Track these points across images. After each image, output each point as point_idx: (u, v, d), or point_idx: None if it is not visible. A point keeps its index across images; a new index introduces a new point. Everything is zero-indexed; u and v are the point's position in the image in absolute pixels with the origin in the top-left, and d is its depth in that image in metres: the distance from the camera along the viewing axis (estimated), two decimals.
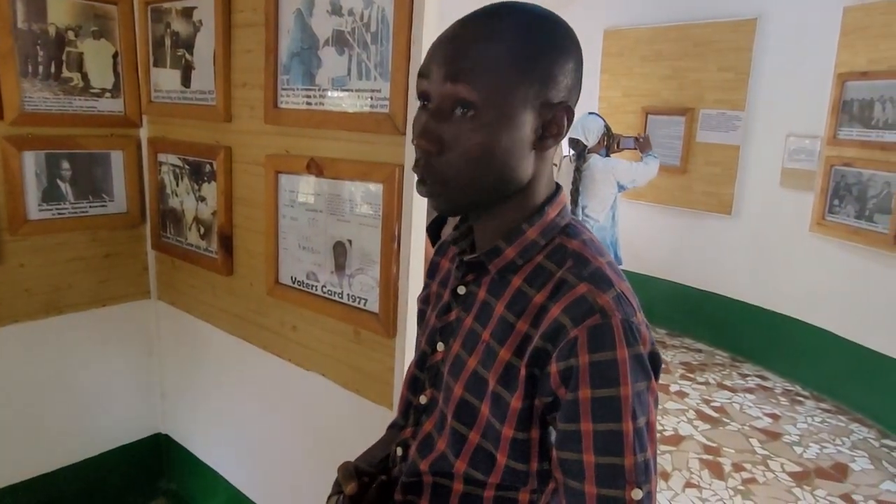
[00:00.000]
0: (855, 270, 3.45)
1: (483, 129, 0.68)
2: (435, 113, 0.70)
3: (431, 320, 0.85)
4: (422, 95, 0.72)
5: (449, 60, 0.68)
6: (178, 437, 2.30)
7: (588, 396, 0.64)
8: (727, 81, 4.07)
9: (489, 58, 0.67)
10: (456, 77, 0.67)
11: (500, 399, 0.71)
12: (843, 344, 3.51)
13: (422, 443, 0.81)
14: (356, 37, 1.40)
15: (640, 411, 0.65)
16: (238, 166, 1.77)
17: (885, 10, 3.23)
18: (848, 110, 3.44)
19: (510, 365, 0.71)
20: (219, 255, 1.86)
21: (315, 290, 1.59)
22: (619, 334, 0.65)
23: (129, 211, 2.10)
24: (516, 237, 0.75)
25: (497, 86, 0.67)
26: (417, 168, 0.73)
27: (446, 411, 0.77)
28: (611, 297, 0.67)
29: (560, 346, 0.66)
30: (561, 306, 0.67)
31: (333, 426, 1.65)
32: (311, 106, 1.51)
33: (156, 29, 1.96)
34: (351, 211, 1.48)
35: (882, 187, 3.24)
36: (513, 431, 0.70)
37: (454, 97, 0.68)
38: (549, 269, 0.72)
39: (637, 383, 0.65)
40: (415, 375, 0.87)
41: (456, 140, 0.69)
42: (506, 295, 0.74)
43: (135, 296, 2.19)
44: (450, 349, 0.80)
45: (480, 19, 0.69)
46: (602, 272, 0.70)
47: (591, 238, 0.76)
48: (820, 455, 3.02)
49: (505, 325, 0.72)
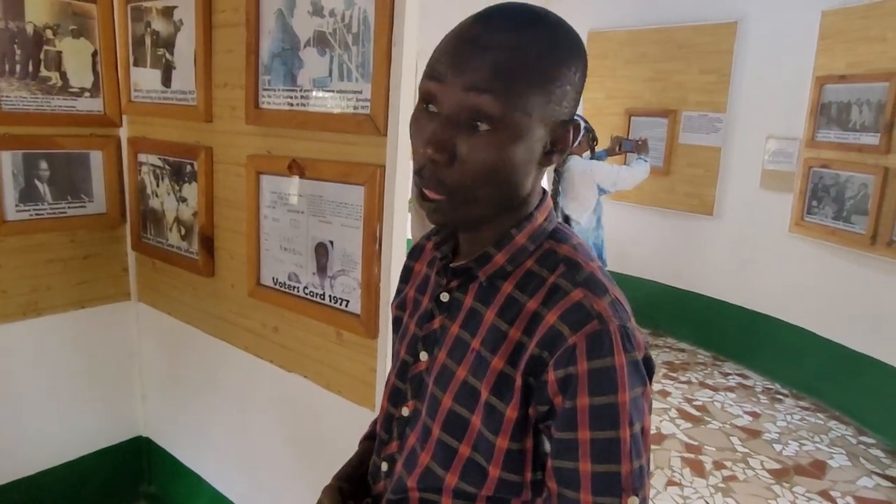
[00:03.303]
0: (833, 270, 3.51)
1: (499, 145, 0.65)
2: (448, 122, 0.66)
3: (411, 328, 0.82)
4: (427, 96, 0.68)
5: (472, 68, 0.63)
6: (160, 440, 2.28)
7: (586, 404, 0.64)
8: (709, 84, 4.12)
9: (515, 70, 0.63)
10: (479, 87, 0.63)
11: (495, 410, 0.69)
12: (822, 343, 3.57)
13: (407, 458, 0.79)
14: (337, 38, 1.40)
15: (636, 417, 0.64)
16: (219, 167, 1.76)
17: (862, 14, 3.28)
18: (826, 113, 3.49)
19: (504, 374, 0.69)
20: (200, 257, 1.84)
21: (297, 291, 1.59)
22: (617, 341, 0.64)
23: (108, 212, 2.08)
24: (505, 243, 0.73)
25: (519, 101, 0.64)
26: (421, 177, 0.68)
27: (431, 424, 0.75)
28: (607, 303, 0.66)
29: (557, 353, 0.65)
30: (557, 313, 0.66)
31: (315, 427, 1.65)
32: (292, 107, 1.51)
33: (136, 28, 1.94)
34: (332, 212, 1.47)
35: (859, 188, 3.30)
36: (508, 442, 0.69)
37: (474, 109, 0.64)
38: (540, 274, 0.71)
39: (634, 389, 0.64)
40: (396, 386, 0.83)
41: (469, 153, 0.65)
42: (496, 302, 0.72)
43: (115, 297, 2.16)
44: (435, 358, 0.77)
45: (503, 24, 0.65)
46: (596, 277, 0.69)
47: (579, 242, 0.75)
48: (799, 452, 3.06)
49: (497, 333, 0.70)
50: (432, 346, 0.78)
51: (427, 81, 0.67)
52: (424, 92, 0.68)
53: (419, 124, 0.69)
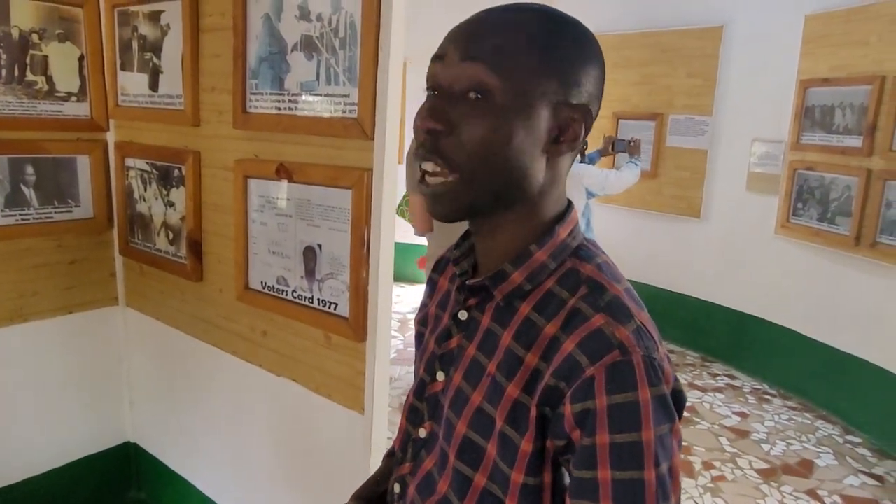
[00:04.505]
0: (818, 271, 3.55)
1: (497, 114, 0.63)
2: (445, 94, 0.65)
3: (430, 345, 0.79)
4: (432, 81, 0.67)
5: (468, 40, 0.64)
6: (148, 445, 2.26)
7: (606, 442, 0.58)
8: (695, 87, 4.16)
9: (510, 42, 0.63)
10: (474, 56, 0.63)
11: (509, 441, 0.64)
12: (808, 343, 3.61)
13: (422, 482, 0.75)
14: (325, 42, 1.40)
15: (662, 456, 0.58)
16: (207, 171, 1.76)
17: (844, 18, 3.33)
18: (810, 116, 3.54)
19: (519, 403, 0.64)
20: (188, 261, 1.84)
21: (285, 295, 1.59)
22: (641, 373, 0.58)
23: (95, 216, 2.07)
24: (524, 260, 0.68)
25: (516, 71, 0.62)
26: (422, 151, 0.66)
27: (448, 449, 0.71)
28: (630, 331, 0.60)
29: (575, 385, 0.59)
30: (575, 340, 0.61)
31: (305, 431, 1.65)
32: (280, 111, 1.51)
33: (123, 32, 1.94)
34: (320, 216, 1.48)
35: (843, 190, 3.34)
36: (523, 477, 0.64)
37: (469, 78, 0.63)
38: (560, 296, 0.66)
39: (660, 426, 0.58)
40: (413, 405, 0.79)
41: (466, 121, 0.63)
42: (513, 324, 0.67)
43: (102, 302, 2.15)
44: (450, 379, 0.73)
45: (505, 8, 0.66)
46: (620, 301, 0.63)
47: (605, 261, 0.69)
48: (786, 452, 3.09)
49: (512, 358, 0.66)
50: (448, 366, 0.74)
51: (432, 65, 0.67)
52: (429, 76, 0.67)
53: (421, 106, 0.67)
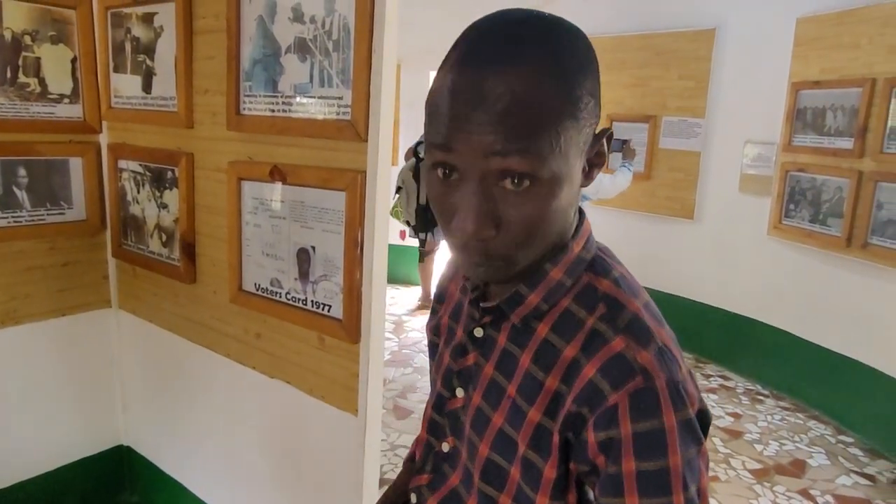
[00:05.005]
0: (810, 272, 3.57)
1: (543, 197, 0.58)
2: (479, 192, 0.58)
3: (446, 359, 0.77)
4: (441, 166, 0.60)
5: (484, 131, 0.55)
6: (141, 448, 2.26)
7: (633, 469, 0.56)
8: (688, 90, 4.18)
9: (534, 111, 0.55)
10: (503, 151, 0.55)
11: (533, 466, 0.63)
12: (801, 344, 3.63)
13: (447, 498, 0.75)
14: (318, 44, 1.41)
15: (690, 479, 0.57)
16: (200, 173, 1.76)
17: (835, 21, 3.36)
18: (802, 118, 3.56)
19: (541, 427, 0.63)
20: (181, 263, 1.84)
21: (279, 297, 1.59)
22: (665, 399, 0.57)
23: (88, 218, 2.06)
24: (539, 279, 0.65)
25: (551, 143, 0.56)
26: (467, 253, 0.61)
27: (472, 470, 0.70)
28: (653, 354, 0.58)
29: (597, 413, 0.58)
30: (596, 365, 0.59)
31: (298, 433, 1.65)
32: (273, 113, 1.51)
33: (116, 34, 1.94)
34: (314, 217, 1.48)
35: (834, 192, 3.36)
36: (548, 500, 0.63)
37: (502, 171, 0.57)
38: (578, 315, 0.64)
39: (687, 450, 0.57)
40: (434, 419, 0.79)
41: (513, 216, 0.58)
42: (531, 346, 0.65)
43: (95, 305, 2.14)
44: (470, 398, 0.72)
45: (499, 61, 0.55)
46: (639, 320, 0.61)
47: (622, 274, 0.67)
48: (779, 452, 3.10)
49: (532, 382, 0.64)
50: (467, 384, 0.73)
51: (437, 153, 0.59)
52: (439, 162, 0.60)
53: (444, 197, 0.61)
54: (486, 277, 0.64)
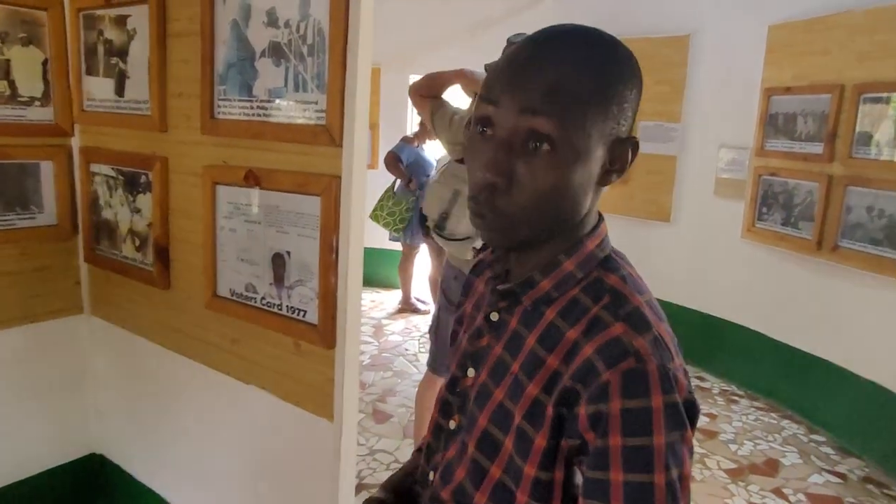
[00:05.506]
0: (783, 274, 3.64)
1: (559, 166, 0.65)
2: (504, 144, 0.65)
3: (463, 343, 0.83)
4: (482, 121, 0.68)
5: (526, 90, 0.64)
6: (115, 457, 2.22)
7: (619, 444, 0.61)
8: (664, 94, 4.23)
9: (570, 90, 0.63)
10: (534, 109, 0.63)
11: (525, 435, 0.68)
12: (775, 345, 3.69)
13: (444, 469, 0.79)
14: (293, 49, 1.40)
15: (673, 463, 0.61)
16: (174, 177, 1.74)
17: (806, 29, 3.43)
18: (774, 123, 3.63)
19: (537, 401, 0.67)
20: (155, 268, 1.82)
21: (254, 302, 1.58)
22: (655, 381, 0.61)
23: (59, 223, 2.03)
24: (552, 269, 0.72)
25: (576, 120, 0.64)
26: (476, 202, 0.68)
27: (468, 440, 0.75)
28: (647, 341, 0.63)
29: (591, 388, 0.63)
30: (594, 346, 0.64)
31: (274, 440, 1.64)
32: (248, 117, 1.50)
33: (88, 36, 1.91)
34: (289, 222, 1.47)
35: (805, 195, 3.43)
36: (535, 470, 0.67)
37: (528, 130, 0.64)
38: (584, 303, 0.69)
39: (671, 433, 0.61)
40: (445, 399, 0.84)
41: (528, 176, 0.65)
42: (538, 328, 0.71)
43: (67, 311, 2.11)
44: (478, 376, 0.77)
45: (558, 45, 0.66)
46: (640, 312, 0.66)
47: (630, 273, 0.72)
48: (753, 451, 3.16)
49: (535, 359, 0.69)
50: (478, 364, 0.78)
51: (482, 105, 0.68)
52: (480, 116, 0.68)
53: (475, 149, 0.69)
54: (489, 236, 0.71)
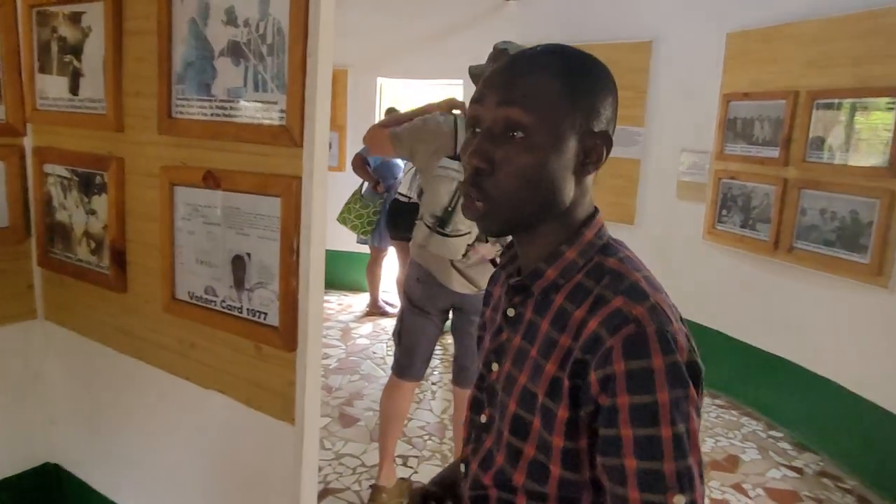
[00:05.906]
0: (742, 275, 3.73)
1: (533, 150, 0.74)
2: (487, 134, 0.76)
3: (486, 343, 0.91)
4: (473, 121, 0.78)
5: (503, 86, 0.75)
6: (71, 466, 2.15)
7: (626, 402, 0.67)
8: (628, 99, 4.30)
9: (541, 87, 0.74)
10: (510, 101, 0.74)
11: (549, 411, 0.74)
12: (735, 344, 3.78)
13: (484, 458, 0.86)
14: (252, 48, 1.39)
15: (678, 418, 0.67)
16: (131, 178, 1.70)
17: (761, 37, 3.54)
18: (732, 128, 3.73)
19: (556, 378, 0.74)
20: (111, 271, 1.77)
21: (214, 305, 1.55)
22: (654, 343, 0.68)
23: (11, 225, 1.96)
24: (556, 258, 0.80)
25: (547, 112, 0.73)
26: (466, 185, 0.78)
27: (503, 428, 0.82)
28: (645, 308, 0.71)
29: (597, 356, 0.70)
30: (598, 319, 0.71)
31: (235, 445, 1.61)
32: (207, 117, 1.48)
33: (41, 33, 1.86)
34: (249, 224, 1.45)
35: (762, 198, 3.53)
36: (563, 441, 0.74)
37: (507, 119, 0.74)
38: (587, 286, 0.77)
39: (674, 390, 0.67)
40: (475, 396, 0.91)
41: (507, 160, 0.74)
42: (549, 313, 0.78)
43: (19, 316, 2.04)
44: (502, 368, 0.85)
45: (533, 55, 0.77)
46: (637, 286, 0.74)
47: (627, 255, 0.81)
48: (714, 448, 3.23)
49: (550, 341, 0.77)
50: (501, 358, 0.86)
51: (472, 106, 0.78)
52: (471, 116, 0.79)
53: (467, 144, 0.78)
54: (481, 224, 0.79)
